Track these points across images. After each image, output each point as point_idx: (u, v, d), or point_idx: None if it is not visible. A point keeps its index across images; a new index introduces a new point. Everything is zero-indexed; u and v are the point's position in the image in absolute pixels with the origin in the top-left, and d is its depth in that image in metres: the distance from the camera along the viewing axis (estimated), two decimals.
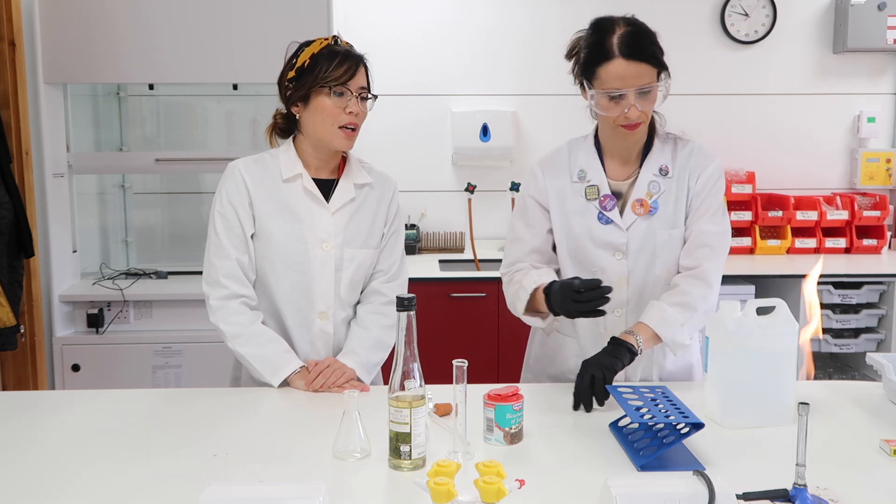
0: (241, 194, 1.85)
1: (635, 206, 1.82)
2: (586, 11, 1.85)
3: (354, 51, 1.85)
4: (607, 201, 1.82)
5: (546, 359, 1.97)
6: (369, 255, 1.92)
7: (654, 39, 1.75)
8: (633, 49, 1.69)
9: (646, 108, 1.73)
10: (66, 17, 3.03)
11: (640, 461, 1.35)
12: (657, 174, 1.83)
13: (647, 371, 1.88)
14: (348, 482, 1.32)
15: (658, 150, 1.84)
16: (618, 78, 1.70)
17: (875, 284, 3.36)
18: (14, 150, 2.92)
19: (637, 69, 1.69)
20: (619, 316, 1.84)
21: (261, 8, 3.07)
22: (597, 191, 1.83)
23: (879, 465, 1.37)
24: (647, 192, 1.82)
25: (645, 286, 1.83)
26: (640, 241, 1.81)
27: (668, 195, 1.82)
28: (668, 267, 1.83)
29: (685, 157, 1.84)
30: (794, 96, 3.95)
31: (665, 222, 1.82)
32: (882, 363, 1.69)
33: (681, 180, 1.83)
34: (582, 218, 1.84)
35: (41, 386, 3.07)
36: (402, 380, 1.35)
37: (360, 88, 1.82)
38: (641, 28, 1.75)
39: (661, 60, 1.73)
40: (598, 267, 1.83)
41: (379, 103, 1.93)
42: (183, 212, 3.75)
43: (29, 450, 1.46)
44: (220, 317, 1.83)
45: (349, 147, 1.86)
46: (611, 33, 1.72)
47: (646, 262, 1.82)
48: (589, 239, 1.83)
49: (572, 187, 1.86)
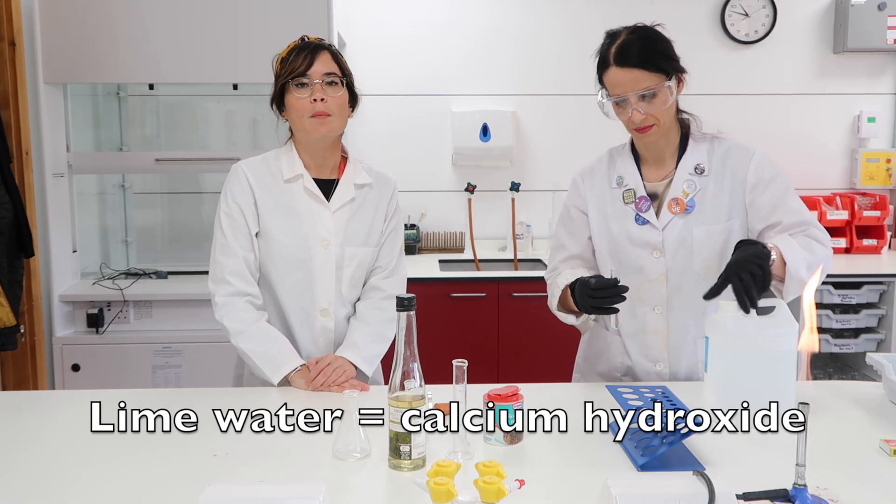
0: (245, 194, 1.87)
1: (671, 206, 1.85)
2: (585, 11, 1.86)
3: (316, 41, 1.87)
4: (643, 203, 1.87)
5: (594, 357, 2.01)
6: (369, 253, 1.94)
7: (654, 45, 1.78)
8: (624, 57, 1.76)
9: (651, 110, 1.77)
10: (66, 17, 3.03)
11: (640, 461, 1.35)
12: (693, 173, 1.86)
13: (691, 369, 1.88)
14: (348, 482, 1.32)
15: (693, 150, 1.88)
16: (616, 84, 1.78)
17: (875, 284, 3.36)
18: (14, 150, 2.92)
19: (631, 75, 1.75)
20: (659, 313, 1.87)
21: (261, 8, 3.07)
22: (633, 194, 1.89)
23: (879, 465, 1.37)
24: (683, 190, 1.86)
25: (684, 283, 1.85)
26: (677, 239, 1.84)
27: (705, 192, 1.85)
28: (708, 263, 1.84)
29: (722, 156, 1.88)
30: (794, 96, 3.95)
31: (702, 219, 1.84)
32: (882, 363, 1.69)
33: (721, 178, 1.86)
34: (620, 221, 1.89)
35: (41, 386, 3.07)
36: (402, 380, 1.35)
37: (325, 74, 1.82)
38: (642, 35, 1.79)
39: (659, 65, 1.76)
40: (638, 266, 1.86)
41: (379, 103, 1.94)
42: (183, 212, 3.75)
43: (29, 450, 1.46)
44: (225, 313, 1.84)
45: (326, 133, 1.85)
46: (613, 42, 1.80)
47: (684, 259, 1.85)
48: (627, 240, 1.87)
49: (611, 193, 1.92)
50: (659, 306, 1.87)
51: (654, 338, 1.89)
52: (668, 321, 1.87)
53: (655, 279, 1.85)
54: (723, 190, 1.85)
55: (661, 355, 1.89)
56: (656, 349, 1.89)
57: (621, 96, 1.77)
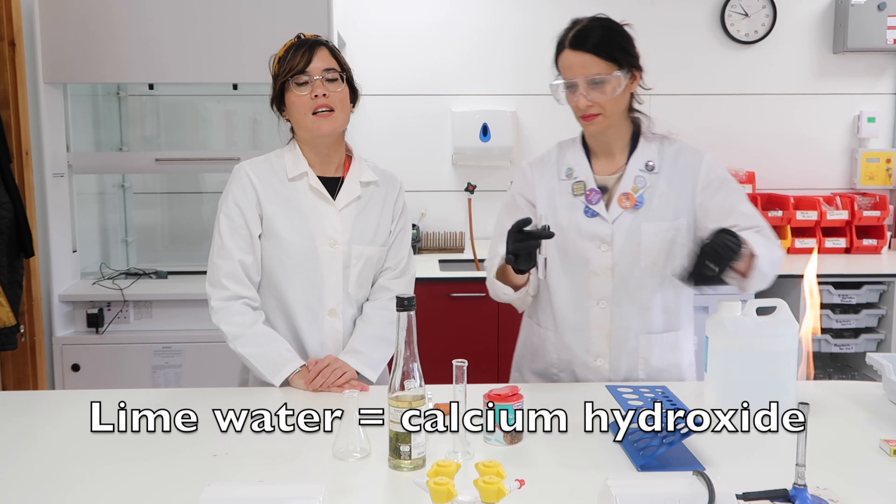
0: (247, 195, 1.86)
1: (621, 200, 1.85)
2: (584, 11, 1.86)
3: (313, 38, 1.86)
4: (593, 195, 1.87)
5: (529, 355, 1.99)
6: (377, 252, 1.93)
7: (613, 36, 1.79)
8: (580, 40, 1.77)
9: (598, 98, 1.77)
10: (66, 17, 3.03)
11: (640, 461, 1.35)
12: (643, 169, 1.87)
13: (631, 367, 1.88)
14: (348, 482, 1.32)
15: (644, 147, 1.89)
16: (566, 67, 1.80)
17: (875, 284, 3.36)
18: (14, 150, 2.92)
19: (582, 59, 1.76)
20: (603, 308, 1.86)
21: (261, 8, 3.07)
22: (583, 186, 1.88)
23: (879, 465, 1.37)
24: (633, 186, 1.86)
25: (630, 278, 1.85)
26: (626, 234, 1.84)
27: (655, 190, 1.86)
28: (655, 259, 1.84)
29: (673, 155, 1.89)
30: (794, 96, 3.95)
31: (651, 215, 1.84)
32: (882, 363, 1.69)
33: (671, 177, 1.86)
34: (569, 212, 1.88)
35: (41, 386, 3.07)
36: (402, 380, 1.35)
37: (325, 70, 1.81)
38: (603, 24, 1.80)
39: (612, 54, 1.76)
40: (584, 258, 1.86)
41: (379, 103, 1.94)
42: (183, 212, 3.75)
43: (28, 450, 1.46)
44: (222, 318, 1.83)
45: (330, 130, 1.84)
46: (573, 28, 1.81)
47: (631, 254, 1.84)
48: (576, 231, 1.86)
49: (560, 185, 1.91)
50: (604, 301, 1.86)
51: (596, 332, 1.88)
52: (612, 316, 1.86)
53: (602, 272, 1.85)
54: (672, 188, 1.86)
55: (603, 350, 1.88)
56: (598, 344, 1.88)
57: (571, 80, 1.78)
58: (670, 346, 1.90)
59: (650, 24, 3.72)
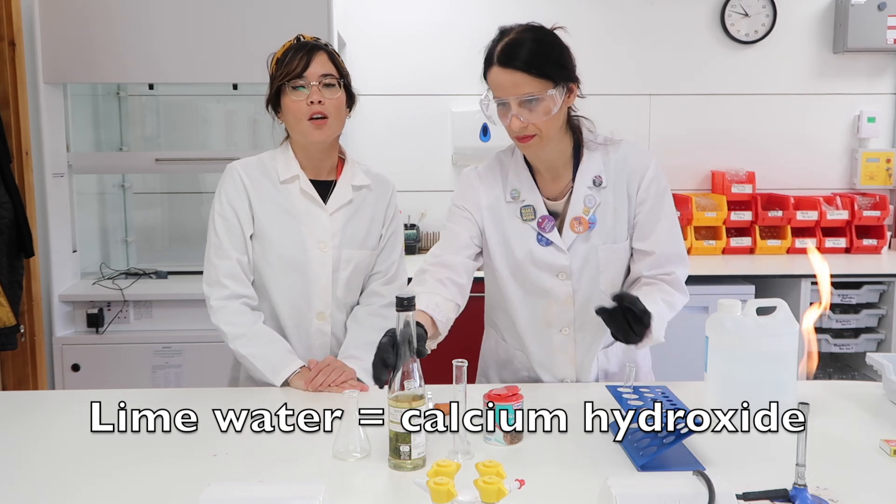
0: (239, 195, 1.85)
1: (574, 225, 1.77)
2: (583, 12, 1.85)
3: (312, 41, 1.84)
4: (546, 223, 1.77)
5: (497, 366, 1.96)
6: (367, 257, 1.92)
7: (545, 50, 1.65)
8: (509, 58, 1.63)
9: (532, 119, 1.64)
10: (66, 17, 3.03)
11: (640, 461, 1.35)
12: (591, 186, 1.77)
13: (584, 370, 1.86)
14: (348, 482, 1.32)
15: (588, 160, 1.78)
16: (497, 86, 1.66)
17: (875, 284, 3.36)
18: (14, 150, 2.92)
19: (512, 79, 1.63)
20: (566, 334, 1.84)
21: (261, 8, 3.07)
22: (532, 211, 1.78)
23: (879, 465, 1.37)
24: (584, 207, 1.76)
25: (590, 302, 1.77)
26: (583, 260, 1.78)
27: (606, 207, 1.77)
28: (613, 280, 1.80)
29: (620, 162, 1.78)
30: (794, 96, 3.95)
31: (606, 236, 1.77)
32: (882, 363, 1.69)
33: (618, 188, 1.78)
34: (521, 241, 1.79)
35: (41, 386, 3.07)
36: (402, 380, 1.35)
37: (322, 76, 1.80)
38: (534, 37, 1.67)
39: (545, 71, 1.63)
40: (543, 289, 1.80)
41: (379, 103, 1.93)
42: (183, 212, 3.75)
43: (29, 450, 1.46)
44: (221, 317, 1.83)
45: (323, 138, 1.82)
46: (501, 40, 1.68)
47: (590, 279, 1.79)
48: (531, 262, 1.79)
49: (507, 207, 1.81)
50: (566, 328, 1.83)
51: (561, 357, 1.85)
52: (575, 340, 1.83)
53: (563, 301, 1.79)
54: (619, 200, 1.77)
55: (568, 373, 1.86)
56: (563, 368, 1.86)
57: (501, 99, 1.65)
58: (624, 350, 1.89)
59: (650, 24, 3.71)
